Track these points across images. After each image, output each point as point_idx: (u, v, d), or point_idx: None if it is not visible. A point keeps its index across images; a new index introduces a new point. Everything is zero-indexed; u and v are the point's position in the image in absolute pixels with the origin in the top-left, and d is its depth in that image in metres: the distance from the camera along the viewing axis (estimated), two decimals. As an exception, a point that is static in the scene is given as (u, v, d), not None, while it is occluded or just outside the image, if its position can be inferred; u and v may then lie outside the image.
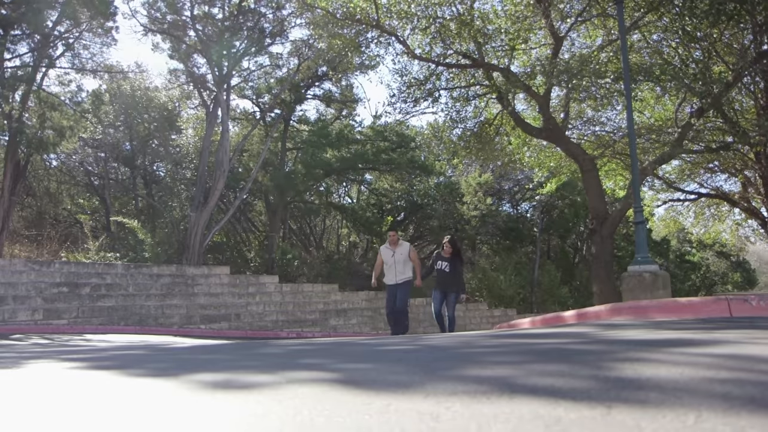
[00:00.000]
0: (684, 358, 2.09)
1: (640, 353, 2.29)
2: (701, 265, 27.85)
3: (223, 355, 3.24)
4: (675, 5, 10.03)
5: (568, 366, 1.97)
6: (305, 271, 19.41)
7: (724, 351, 2.27)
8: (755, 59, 10.77)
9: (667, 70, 10.05)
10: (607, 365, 1.95)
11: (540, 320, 7.04)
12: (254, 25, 19.29)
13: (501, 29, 12.24)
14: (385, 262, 9.09)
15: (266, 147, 20.64)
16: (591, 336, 3.36)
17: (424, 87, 13.39)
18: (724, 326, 3.68)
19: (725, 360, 2.02)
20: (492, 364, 2.20)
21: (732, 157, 14.71)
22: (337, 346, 3.64)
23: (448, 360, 2.37)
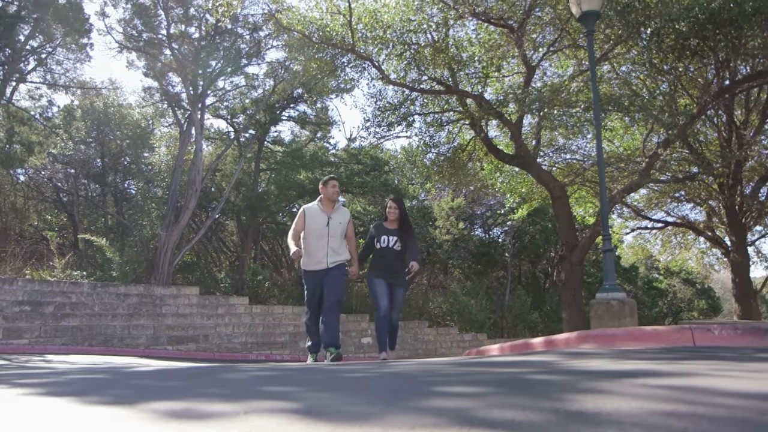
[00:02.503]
0: (645, 391, 2.10)
1: (602, 384, 2.29)
2: (668, 292, 28.33)
3: (185, 381, 3.17)
4: (642, 39, 10.31)
5: (530, 398, 1.96)
6: (276, 293, 19.21)
7: (685, 383, 2.29)
8: (718, 93, 11.12)
9: (636, 101, 10.30)
10: (569, 398, 1.95)
11: (509, 347, 7.05)
12: (231, 45, 19.31)
13: (475, 57, 12.44)
14: (310, 232, 6.20)
15: (240, 167, 20.54)
16: (556, 365, 3.37)
17: (399, 111, 13.50)
18: (687, 356, 3.73)
19: (684, 393, 2.04)
20: (454, 394, 2.18)
21: (697, 187, 15.07)
22: (301, 373, 3.59)
23: (411, 390, 2.35)
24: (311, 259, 6.28)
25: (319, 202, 6.37)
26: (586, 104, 10.31)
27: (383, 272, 6.50)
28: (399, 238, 6.56)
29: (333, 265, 6.22)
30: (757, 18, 9.13)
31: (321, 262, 6.21)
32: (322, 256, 6.19)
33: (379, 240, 6.57)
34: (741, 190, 15.09)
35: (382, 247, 6.54)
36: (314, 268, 6.26)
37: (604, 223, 8.15)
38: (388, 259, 6.52)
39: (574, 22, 10.23)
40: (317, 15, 11.98)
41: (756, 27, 9.44)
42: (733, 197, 14.41)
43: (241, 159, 20.91)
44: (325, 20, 11.82)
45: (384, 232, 6.60)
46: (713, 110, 12.77)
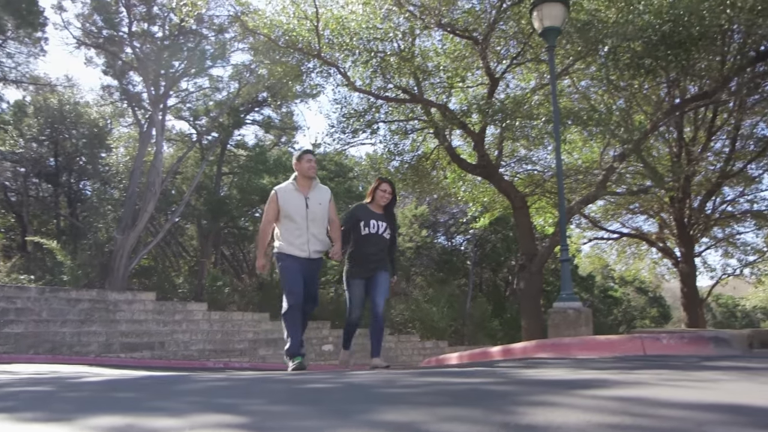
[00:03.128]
0: (594, 403, 2.15)
1: (554, 396, 2.34)
2: (623, 301, 29.09)
3: (134, 393, 3.10)
4: (600, 56, 10.59)
5: (483, 411, 1.99)
6: (236, 299, 18.98)
7: (632, 394, 2.35)
8: (669, 111, 11.53)
9: (594, 116, 10.57)
10: (521, 410, 1.98)
11: (467, 356, 7.13)
12: (195, 46, 19.08)
13: (440, 67, 12.57)
14: (286, 217, 5.31)
15: (201, 170, 20.26)
16: (512, 375, 3.42)
17: (364, 118, 13.51)
18: (637, 365, 3.82)
19: (631, 405, 2.09)
20: (408, 406, 2.19)
21: (650, 199, 15.56)
22: (256, 383, 3.56)
23: (364, 402, 2.35)
24: (291, 245, 5.31)
25: (293, 181, 5.43)
26: (547, 117, 10.52)
27: (364, 267, 5.57)
28: (386, 223, 5.70)
29: (316, 257, 5.41)
30: (703, 42, 9.53)
31: (303, 250, 5.32)
32: (303, 243, 5.30)
33: (367, 224, 5.56)
34: (690, 203, 15.67)
35: (370, 233, 5.56)
36: (295, 253, 5.30)
37: (562, 233, 8.31)
38: (375, 248, 5.59)
39: (536, 37, 10.43)
40: (284, 19, 11.93)
41: (702, 50, 9.86)
42: (682, 210, 14.93)
43: (203, 162, 20.63)
44: (291, 25, 11.77)
45: (371, 215, 5.63)
46: (665, 127, 13.22)
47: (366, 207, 5.76)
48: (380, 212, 5.72)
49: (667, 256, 18.23)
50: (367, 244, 5.59)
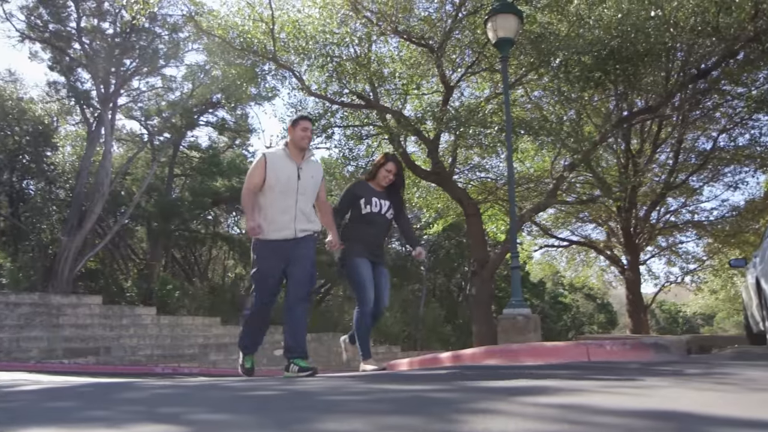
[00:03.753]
0: (534, 410, 2.19)
1: (497, 404, 2.38)
2: (572, 307, 29.84)
3: (71, 402, 3.00)
4: (552, 68, 10.87)
5: (425, 419, 2.01)
6: (186, 303, 18.61)
7: (572, 401, 2.40)
8: (617, 123, 11.94)
9: (545, 126, 10.84)
10: (462, 418, 2.00)
11: (418, 361, 7.17)
12: (148, 44, 18.67)
13: (396, 73, 12.67)
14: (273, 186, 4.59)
15: (152, 171, 19.81)
16: (456, 382, 3.46)
17: (319, 123, 13.48)
18: (581, 372, 3.92)
19: (570, 412, 2.14)
20: (351, 415, 2.20)
21: (599, 208, 16.05)
22: (201, 390, 3.50)
23: (307, 410, 2.34)
24: (272, 224, 4.58)
25: (285, 147, 4.77)
26: (500, 126, 10.72)
27: (367, 247, 4.99)
28: (391, 202, 5.15)
29: (302, 236, 4.64)
30: (649, 58, 9.91)
31: (287, 228, 4.57)
32: (289, 220, 4.57)
33: (368, 202, 5.02)
34: (636, 213, 16.25)
35: (372, 212, 5.01)
36: (276, 236, 4.57)
37: (513, 241, 8.47)
38: (376, 229, 5.08)
39: (491, 47, 10.63)
40: (239, 21, 11.81)
41: (648, 66, 10.25)
42: (629, 219, 15.46)
43: (154, 163, 20.17)
44: (246, 27, 11.67)
45: (373, 193, 5.08)
46: (613, 138, 13.66)
47: (366, 184, 5.18)
48: (382, 190, 5.12)
49: (614, 264, 18.82)
50: (368, 224, 5.05)
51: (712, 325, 34.51)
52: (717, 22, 9.38)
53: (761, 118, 13.41)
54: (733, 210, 17.17)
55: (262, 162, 4.66)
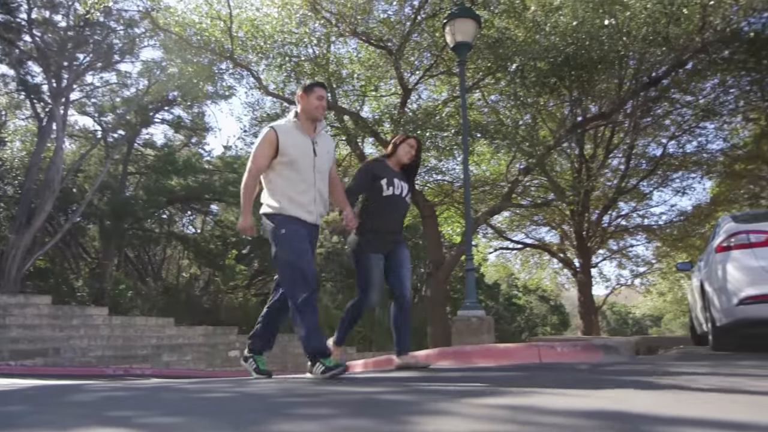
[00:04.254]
0: (484, 412, 2.21)
1: (448, 405, 2.39)
2: (526, 308, 30.36)
3: (17, 406, 2.89)
4: (509, 73, 11.04)
5: (375, 421, 2.01)
6: (139, 303, 18.19)
7: (521, 402, 2.44)
8: (571, 128, 12.22)
9: (501, 130, 11.00)
10: (413, 420, 2.01)
11: (372, 363, 7.17)
12: (102, 39, 18.16)
13: (354, 74, 12.65)
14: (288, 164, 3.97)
15: (105, 169, 19.28)
16: (411, 384, 3.47)
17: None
18: (532, 373, 3.98)
19: (518, 413, 2.17)
20: (304, 418, 2.18)
21: (553, 212, 16.39)
22: (154, 392, 3.42)
23: (261, 412, 2.32)
24: (294, 202, 3.97)
25: (295, 119, 4.11)
26: (457, 129, 10.83)
27: (384, 239, 4.50)
28: (409, 184, 4.67)
29: (318, 224, 4.20)
30: (603, 65, 10.17)
31: (309, 211, 4.01)
32: (308, 202, 4.00)
33: (390, 183, 4.45)
34: (588, 217, 16.65)
35: (395, 194, 4.46)
36: (301, 215, 3.98)
37: (468, 243, 8.55)
38: (398, 213, 4.60)
39: (449, 51, 10.72)
40: (196, 18, 11.61)
41: (602, 73, 10.52)
42: (581, 223, 15.82)
43: (107, 160, 19.63)
44: (204, 24, 11.49)
45: (393, 173, 4.53)
46: (568, 143, 13.96)
47: (384, 163, 4.62)
48: (398, 170, 4.61)
49: (567, 267, 19.24)
50: (390, 208, 4.49)
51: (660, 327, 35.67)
52: (667, 33, 9.69)
53: (708, 126, 13.96)
54: (680, 215, 17.80)
55: (271, 137, 3.97)
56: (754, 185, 14.83)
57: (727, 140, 14.40)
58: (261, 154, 3.99)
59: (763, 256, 5.65)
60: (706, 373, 3.79)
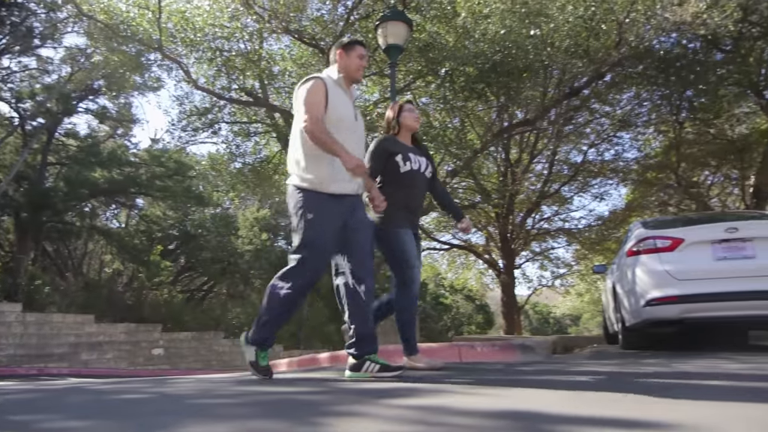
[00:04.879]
0: (396, 412, 2.29)
1: (362, 406, 2.46)
2: (452, 308, 30.98)
3: None
4: (439, 77, 11.27)
5: (289, 423, 2.05)
6: (57, 300, 17.35)
7: (434, 402, 2.53)
8: (497, 133, 12.60)
9: (429, 132, 11.21)
10: (325, 421, 2.06)
11: (296, 362, 7.17)
12: (21, 21, 17.18)
13: (286, 72, 12.57)
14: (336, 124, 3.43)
15: (22, 158, 18.27)
16: (330, 383, 3.52)
17: (206, 117, 13.12)
18: (450, 373, 4.09)
19: (429, 413, 2.25)
20: (217, 419, 2.19)
21: (479, 214, 16.81)
22: (64, 394, 3.32)
23: (173, 414, 2.31)
24: (337, 172, 3.44)
25: (340, 75, 3.67)
26: (386, 130, 10.94)
27: (409, 215, 4.11)
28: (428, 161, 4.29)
29: (361, 193, 3.70)
30: (528, 73, 10.56)
31: (350, 180, 3.51)
32: None
33: (407, 158, 4.06)
34: (513, 219, 17.19)
35: (413, 170, 4.07)
36: (338, 189, 3.49)
37: (395, 244, 8.67)
38: (418, 190, 4.19)
39: (381, 53, 10.83)
40: (123, 6, 11.24)
41: (527, 81, 10.91)
42: (506, 225, 16.32)
43: (25, 149, 18.61)
44: (131, 13, 11.13)
45: (407, 148, 4.15)
46: (494, 147, 14.38)
47: (395, 138, 4.20)
48: (413, 145, 4.26)
49: (492, 267, 19.78)
50: (409, 185, 4.08)
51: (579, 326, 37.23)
52: (587, 46, 10.18)
53: (624, 136, 14.72)
54: (598, 219, 18.66)
55: (321, 87, 3.47)
56: (664, 193, 15.74)
57: (641, 150, 15.25)
58: (318, 101, 3.42)
59: (668, 260, 6.05)
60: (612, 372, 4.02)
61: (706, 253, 5.98)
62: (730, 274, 5.79)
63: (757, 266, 5.74)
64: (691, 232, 6.23)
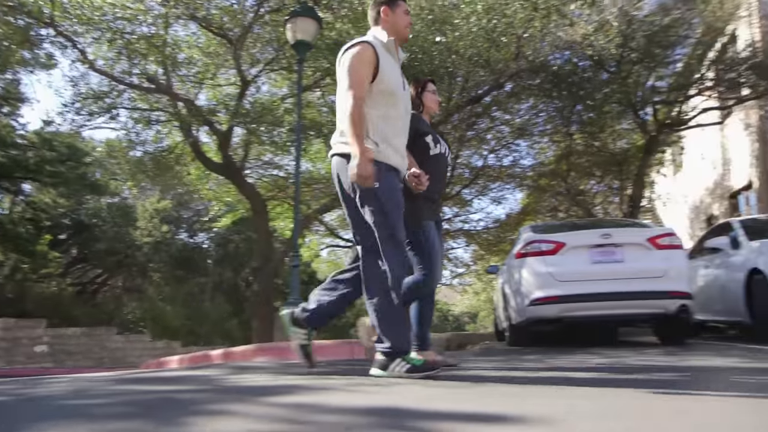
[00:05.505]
0: (268, 411, 2.33)
1: (236, 404, 2.49)
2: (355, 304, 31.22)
3: None
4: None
5: (156, 423, 2.05)
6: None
7: (308, 400, 2.59)
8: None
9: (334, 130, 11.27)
10: (195, 421, 2.07)
11: (189, 359, 7.05)
12: None
13: (192, 60, 12.22)
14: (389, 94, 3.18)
15: None
16: (214, 382, 3.52)
17: (103, 101, 12.50)
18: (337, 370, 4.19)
19: (300, 411, 2.30)
20: (82, 420, 2.16)
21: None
22: None
23: (34, 417, 2.24)
24: (391, 145, 3.18)
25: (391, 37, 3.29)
26: (291, 126, 10.92)
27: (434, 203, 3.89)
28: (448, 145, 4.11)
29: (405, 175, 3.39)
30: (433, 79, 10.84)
31: (404, 155, 3.32)
32: (403, 146, 3.29)
33: (436, 141, 3.88)
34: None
35: (441, 152, 3.90)
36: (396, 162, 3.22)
37: (294, 241, 8.69)
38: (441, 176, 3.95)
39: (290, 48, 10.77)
40: (9, -27, 10.47)
41: (432, 86, 11.19)
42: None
43: None
44: (19, -17, 10.39)
45: (431, 129, 3.96)
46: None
47: (422, 117, 3.94)
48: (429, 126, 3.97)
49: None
50: (436, 169, 3.79)
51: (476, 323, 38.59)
52: (488, 56, 10.61)
53: (521, 143, 15.42)
54: (495, 222, 19.40)
55: (370, 56, 3.11)
56: (555, 199, 16.69)
57: (536, 158, 16.06)
58: (365, 75, 3.08)
59: (552, 263, 6.50)
60: (495, 367, 4.27)
61: (584, 257, 6.49)
62: (603, 276, 6.33)
63: (625, 269, 6.31)
64: (571, 237, 6.72)
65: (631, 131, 13.81)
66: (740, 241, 7.18)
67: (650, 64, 11.14)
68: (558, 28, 10.13)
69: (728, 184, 14.83)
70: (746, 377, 3.27)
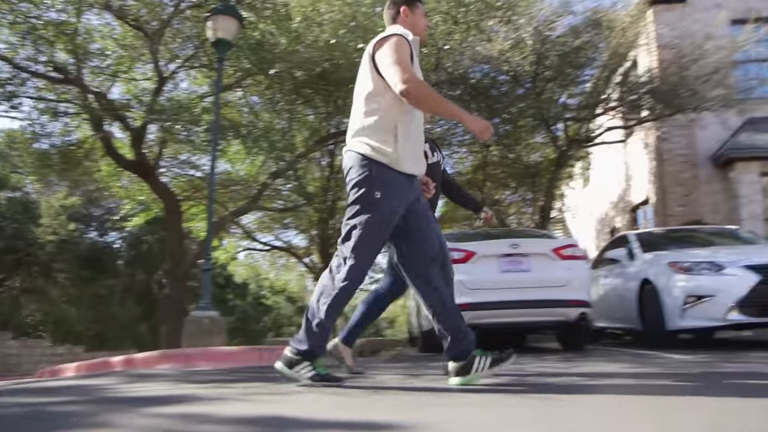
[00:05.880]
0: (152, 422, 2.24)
1: (120, 416, 2.38)
2: (274, 308, 30.85)
3: None
4: (269, 77, 11.19)
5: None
6: None
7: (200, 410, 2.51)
8: (321, 139, 12.87)
9: (253, 132, 11.09)
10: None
11: (86, 366, 6.67)
12: None
13: (105, 51, 11.70)
14: None
15: None
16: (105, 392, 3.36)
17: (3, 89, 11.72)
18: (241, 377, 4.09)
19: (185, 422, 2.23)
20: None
21: (302, 217, 16.98)
22: None
23: None
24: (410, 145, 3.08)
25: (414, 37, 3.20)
26: (208, 125, 10.66)
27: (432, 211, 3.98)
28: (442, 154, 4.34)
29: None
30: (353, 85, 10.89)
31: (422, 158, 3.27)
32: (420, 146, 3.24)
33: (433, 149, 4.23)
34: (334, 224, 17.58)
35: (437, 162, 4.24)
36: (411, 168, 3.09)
37: (208, 243, 8.49)
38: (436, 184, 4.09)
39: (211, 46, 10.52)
40: None
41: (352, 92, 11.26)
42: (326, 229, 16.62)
43: None
44: None
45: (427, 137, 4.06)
46: (320, 153, 14.64)
47: None
48: None
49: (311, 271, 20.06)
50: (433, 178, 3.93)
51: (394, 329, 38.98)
52: (408, 65, 10.74)
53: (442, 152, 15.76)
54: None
55: (407, 45, 3.03)
56: (471, 208, 17.11)
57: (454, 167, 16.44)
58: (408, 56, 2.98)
59: (462, 271, 6.63)
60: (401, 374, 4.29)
61: (494, 266, 6.68)
62: (511, 285, 6.55)
63: (531, 279, 6.55)
64: (482, 246, 6.90)
65: (544, 145, 14.43)
66: (635, 253, 7.63)
67: (563, 83, 11.69)
68: (477, 42, 10.41)
69: (629, 198, 15.79)
70: (629, 381, 3.45)
